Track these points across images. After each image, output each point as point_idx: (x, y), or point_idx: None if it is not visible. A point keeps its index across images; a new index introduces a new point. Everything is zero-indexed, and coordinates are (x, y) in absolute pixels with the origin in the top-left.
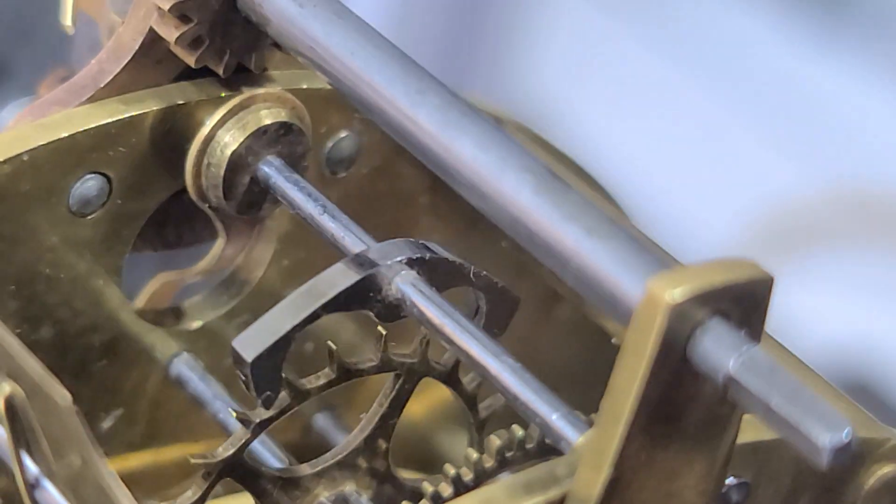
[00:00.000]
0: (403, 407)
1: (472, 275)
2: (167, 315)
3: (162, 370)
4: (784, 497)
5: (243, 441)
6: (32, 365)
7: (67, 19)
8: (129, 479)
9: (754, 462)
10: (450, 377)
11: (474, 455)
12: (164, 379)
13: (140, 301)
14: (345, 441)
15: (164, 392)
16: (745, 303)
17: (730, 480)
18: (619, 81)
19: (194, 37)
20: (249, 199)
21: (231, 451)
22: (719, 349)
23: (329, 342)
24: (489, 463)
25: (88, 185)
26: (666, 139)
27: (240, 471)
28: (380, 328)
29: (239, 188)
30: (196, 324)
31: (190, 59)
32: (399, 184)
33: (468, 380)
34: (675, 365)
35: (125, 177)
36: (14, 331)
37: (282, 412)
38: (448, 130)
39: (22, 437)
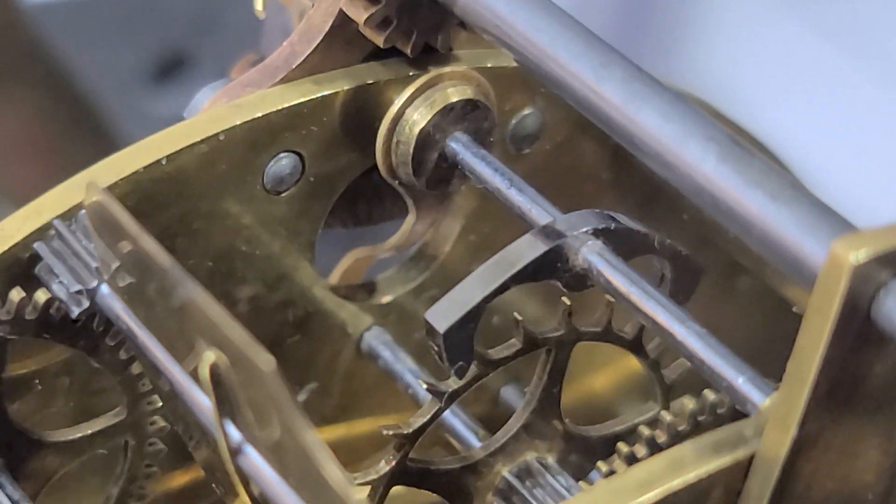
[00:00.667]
0: (563, 375)
1: (656, 243)
2: (358, 290)
3: (354, 344)
4: None
5: (435, 411)
6: (237, 331)
7: (259, 4)
8: None
9: None
10: (634, 345)
11: (668, 417)
12: (356, 353)
13: (334, 277)
14: (513, 417)
15: (357, 366)
16: None
17: None
18: (791, 64)
19: (382, 17)
20: (438, 175)
21: (423, 420)
22: None
23: (515, 313)
24: (682, 426)
25: (282, 164)
26: (838, 124)
27: (410, 476)
28: (564, 299)
29: (427, 164)
30: (386, 298)
31: (378, 40)
32: (581, 159)
33: (652, 347)
34: (859, 326)
35: (317, 155)
36: None
37: (471, 382)
38: (633, 102)
39: (226, 404)
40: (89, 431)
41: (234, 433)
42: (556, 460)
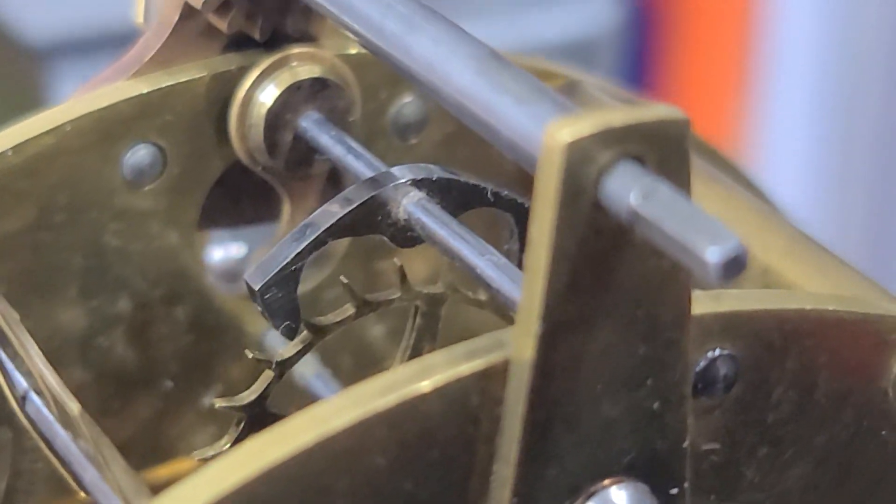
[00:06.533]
0: (434, 335)
1: (490, 195)
2: None
3: (257, 345)
4: (795, 375)
5: (269, 382)
6: None
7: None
8: None
9: (743, 333)
10: (484, 304)
11: None
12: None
13: None
14: None
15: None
16: (659, 145)
17: (715, 353)
18: None
19: (221, 1)
20: (296, 157)
21: (258, 394)
22: (623, 187)
23: (342, 277)
24: None
25: (140, 155)
26: None
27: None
28: (395, 259)
29: (283, 146)
30: None
31: (222, 25)
32: (480, 149)
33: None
34: (588, 213)
35: (178, 147)
36: (90, 302)
37: (302, 350)
38: (411, 34)
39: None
40: None
41: (21, 381)
42: None
